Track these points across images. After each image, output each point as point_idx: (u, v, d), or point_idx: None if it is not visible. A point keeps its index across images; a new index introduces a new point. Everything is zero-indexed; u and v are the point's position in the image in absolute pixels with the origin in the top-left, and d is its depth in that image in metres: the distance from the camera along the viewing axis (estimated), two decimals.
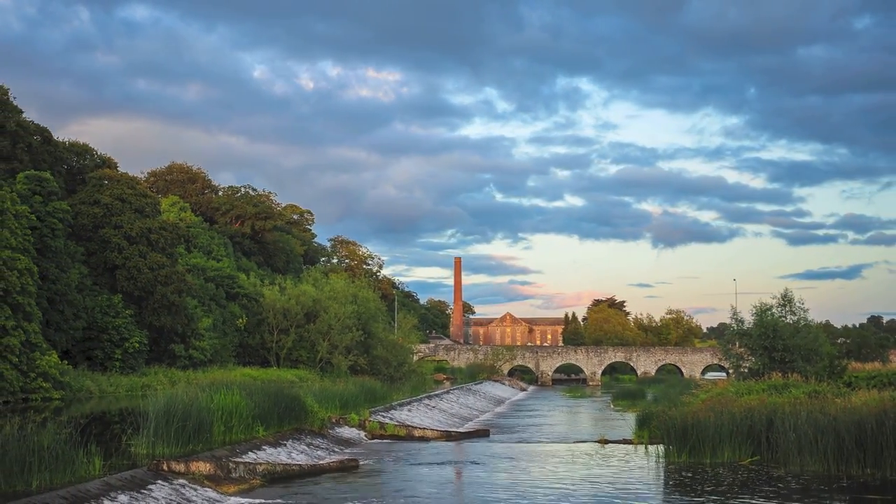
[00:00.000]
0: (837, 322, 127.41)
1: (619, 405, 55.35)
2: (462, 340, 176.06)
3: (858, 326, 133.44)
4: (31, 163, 53.09)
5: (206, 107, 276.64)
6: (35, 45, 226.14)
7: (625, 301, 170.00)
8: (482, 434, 35.66)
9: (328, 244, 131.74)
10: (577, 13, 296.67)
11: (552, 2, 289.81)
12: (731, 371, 49.11)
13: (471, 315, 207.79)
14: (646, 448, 27.46)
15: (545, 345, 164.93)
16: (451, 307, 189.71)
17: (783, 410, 23.75)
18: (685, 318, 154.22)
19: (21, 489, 14.66)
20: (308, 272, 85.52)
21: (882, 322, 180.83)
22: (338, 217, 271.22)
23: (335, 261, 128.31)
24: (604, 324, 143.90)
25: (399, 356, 69.85)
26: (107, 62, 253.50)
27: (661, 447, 25.00)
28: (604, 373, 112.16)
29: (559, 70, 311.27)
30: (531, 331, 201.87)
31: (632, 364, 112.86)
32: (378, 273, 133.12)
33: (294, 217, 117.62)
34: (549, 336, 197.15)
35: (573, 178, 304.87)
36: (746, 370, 40.29)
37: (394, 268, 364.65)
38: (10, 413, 28.49)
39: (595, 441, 31.14)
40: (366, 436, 31.74)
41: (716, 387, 38.10)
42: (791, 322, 40.11)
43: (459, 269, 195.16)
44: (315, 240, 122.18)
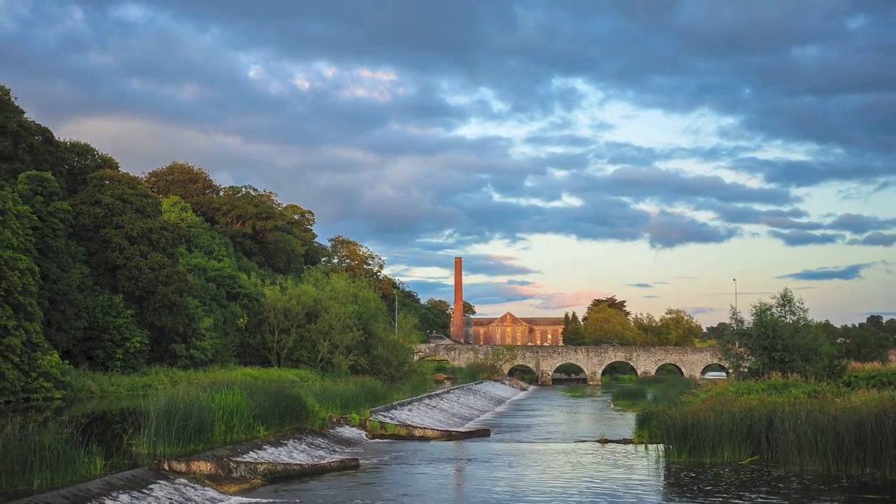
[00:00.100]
0: (836, 322, 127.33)
1: (619, 405, 55.39)
2: (462, 340, 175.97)
3: (858, 326, 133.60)
4: (33, 163, 53.11)
5: (202, 107, 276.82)
6: (29, 45, 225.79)
7: (625, 301, 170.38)
8: (482, 434, 35.71)
9: (328, 244, 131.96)
10: (572, 13, 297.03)
11: (547, 2, 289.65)
12: (731, 371, 49.13)
13: (471, 315, 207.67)
14: (646, 448, 27.51)
15: (545, 345, 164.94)
16: (452, 307, 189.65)
17: (783, 410, 23.78)
18: (685, 318, 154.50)
19: (22, 488, 14.71)
20: (309, 272, 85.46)
21: (882, 322, 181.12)
22: (336, 217, 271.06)
23: (336, 261, 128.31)
24: (604, 324, 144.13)
25: (400, 356, 69.91)
26: (101, 62, 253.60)
27: (661, 447, 25.05)
28: (604, 372, 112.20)
29: (554, 70, 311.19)
30: (531, 331, 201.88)
31: (632, 364, 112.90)
32: (378, 273, 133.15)
33: (295, 217, 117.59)
34: (550, 336, 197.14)
35: (570, 178, 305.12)
36: (746, 370, 40.34)
37: (393, 268, 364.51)
38: (12, 413, 28.54)
39: (595, 441, 31.16)
40: (366, 435, 31.79)
41: (716, 386, 38.09)
42: (791, 322, 40.15)
43: (460, 269, 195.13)
44: (315, 240, 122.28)
